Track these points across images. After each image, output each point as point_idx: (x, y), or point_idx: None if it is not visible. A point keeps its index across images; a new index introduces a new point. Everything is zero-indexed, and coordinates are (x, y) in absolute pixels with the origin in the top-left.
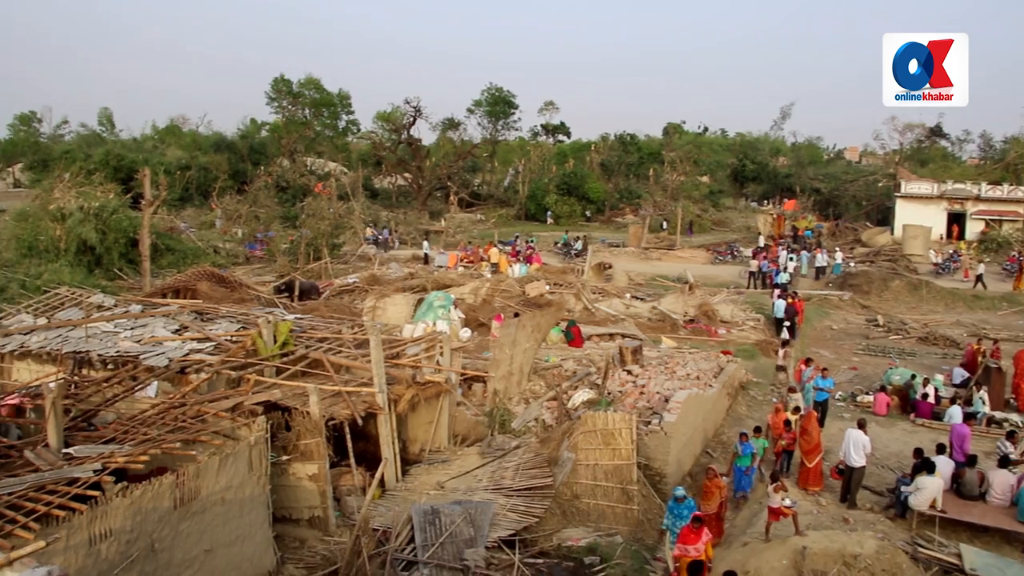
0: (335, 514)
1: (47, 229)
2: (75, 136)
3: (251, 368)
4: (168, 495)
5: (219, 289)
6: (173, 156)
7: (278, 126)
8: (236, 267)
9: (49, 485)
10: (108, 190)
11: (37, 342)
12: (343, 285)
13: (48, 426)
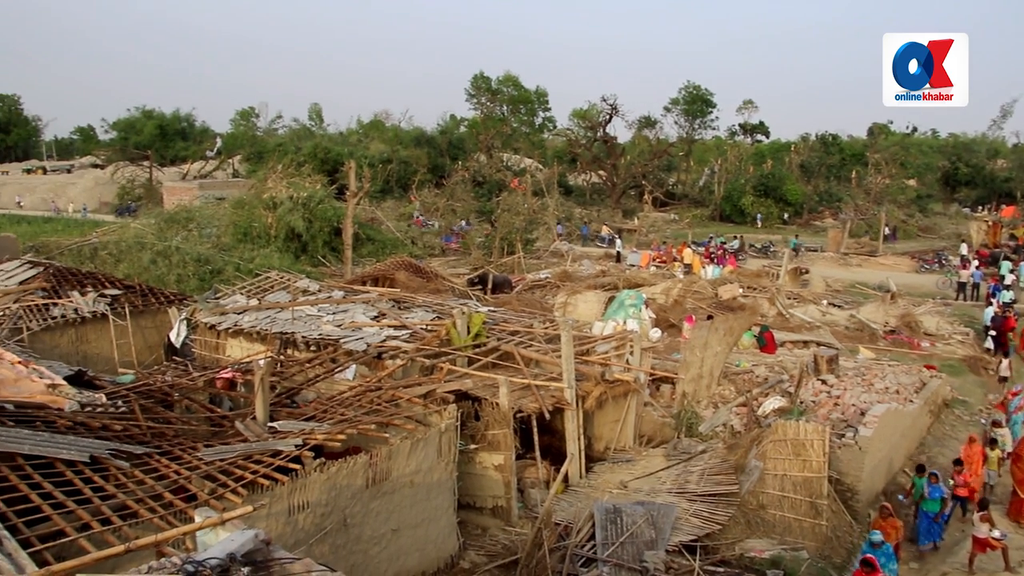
0: (518, 505)
1: (260, 217)
2: (287, 130)
3: (444, 357)
4: (361, 474)
5: (416, 279)
6: (376, 150)
7: (476, 122)
8: (432, 259)
9: (256, 455)
10: (315, 181)
11: (249, 321)
12: (535, 280)
13: (256, 401)
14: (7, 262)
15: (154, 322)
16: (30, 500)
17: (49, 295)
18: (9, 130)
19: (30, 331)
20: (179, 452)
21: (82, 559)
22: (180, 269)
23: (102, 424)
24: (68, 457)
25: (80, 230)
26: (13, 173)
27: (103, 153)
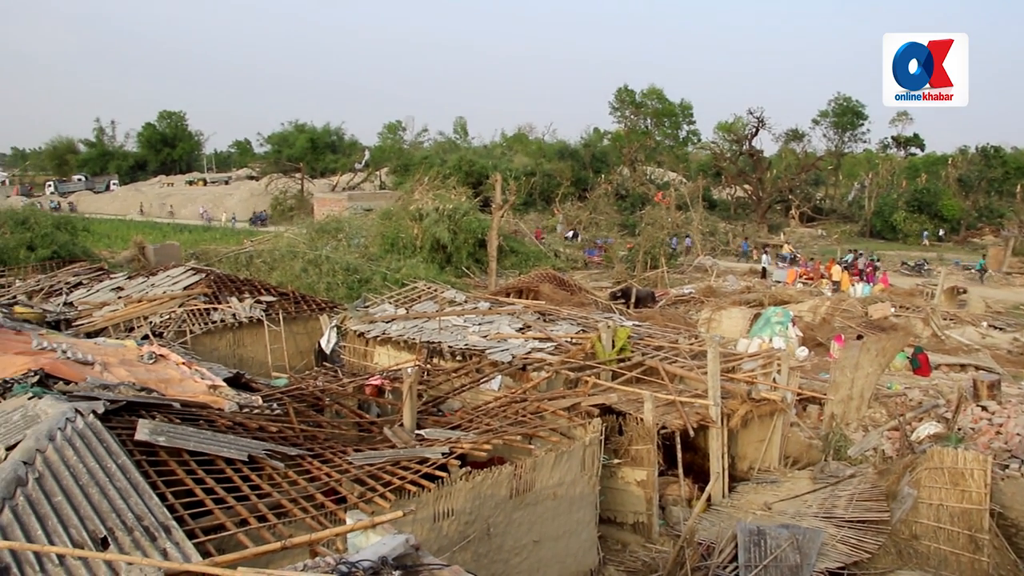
0: (659, 522)
1: (407, 228)
2: (433, 143)
3: (589, 371)
4: (506, 484)
5: (559, 292)
6: (519, 163)
7: (620, 135)
8: (574, 271)
9: (403, 461)
10: (460, 193)
11: (397, 330)
12: (679, 295)
13: (404, 408)
14: (173, 268)
15: (305, 328)
16: (194, 494)
17: (210, 300)
18: (175, 144)
19: (192, 334)
20: (330, 455)
21: (242, 553)
22: (330, 277)
23: (259, 425)
24: (228, 455)
25: (236, 238)
26: (177, 184)
27: (258, 165)
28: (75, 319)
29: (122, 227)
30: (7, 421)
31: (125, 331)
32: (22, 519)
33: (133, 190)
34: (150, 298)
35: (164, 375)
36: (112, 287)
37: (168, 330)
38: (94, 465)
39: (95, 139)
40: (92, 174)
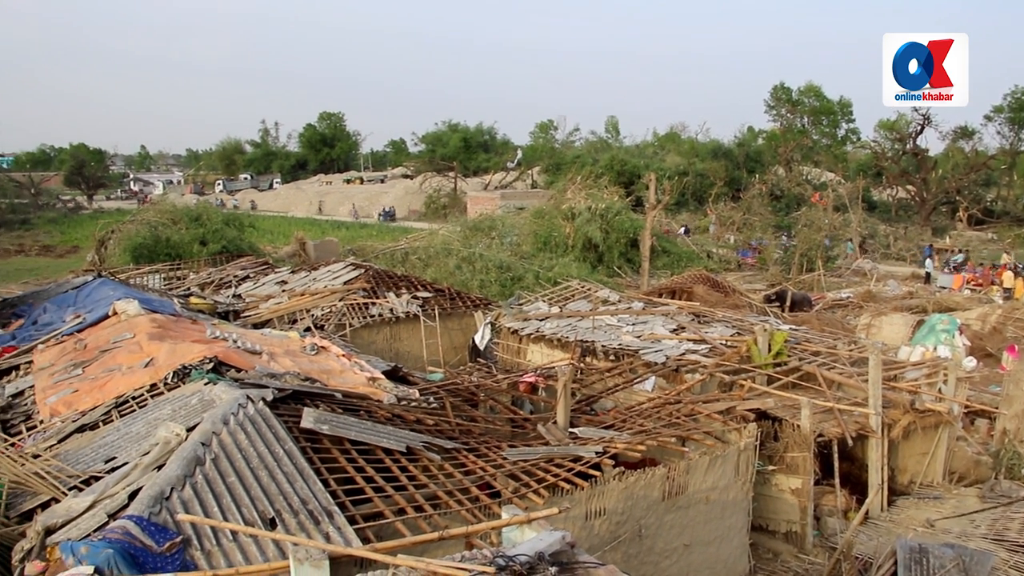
0: (813, 533)
1: (559, 227)
2: (584, 142)
3: (744, 374)
4: (659, 486)
5: (713, 294)
6: (672, 162)
7: (775, 134)
8: (727, 273)
9: (557, 458)
10: (612, 193)
11: (550, 328)
12: (836, 299)
13: (559, 406)
14: (334, 263)
15: (460, 324)
16: (355, 481)
17: (369, 295)
18: (334, 144)
19: (352, 327)
20: (484, 450)
21: (400, 541)
22: (483, 275)
23: (416, 418)
24: (387, 446)
25: (391, 235)
26: (336, 183)
27: (412, 164)
28: (243, 310)
29: (284, 223)
30: (186, 404)
31: (289, 323)
32: (200, 496)
33: (294, 188)
34: (312, 292)
35: (326, 366)
36: (276, 281)
37: (329, 323)
38: (263, 449)
39: (260, 140)
40: (257, 173)
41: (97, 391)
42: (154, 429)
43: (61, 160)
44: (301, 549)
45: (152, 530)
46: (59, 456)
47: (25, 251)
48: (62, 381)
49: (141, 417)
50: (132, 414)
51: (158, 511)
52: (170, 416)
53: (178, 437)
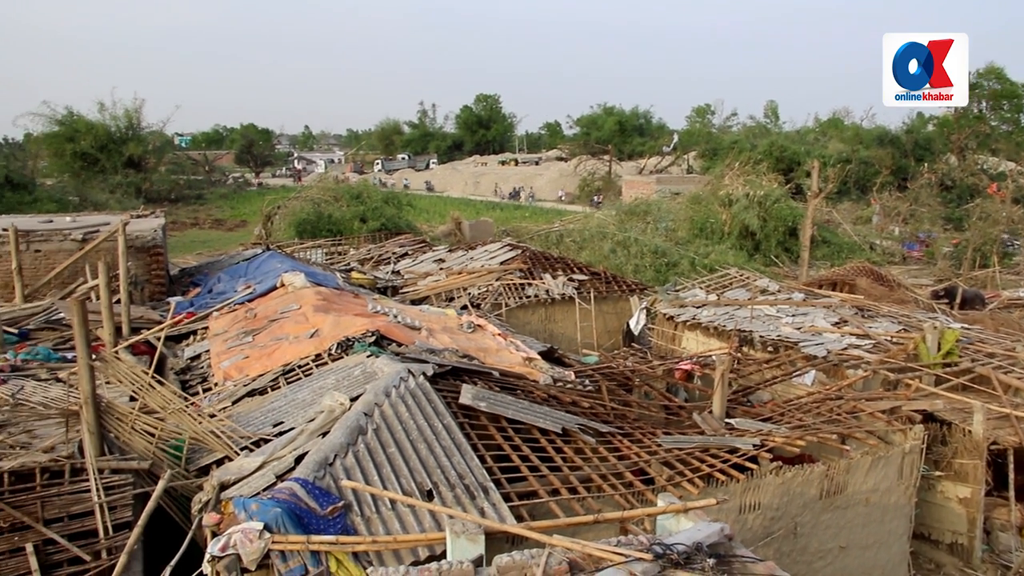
0: (982, 547)
1: (715, 213)
2: (742, 127)
3: (910, 373)
4: (816, 484)
5: (877, 287)
6: (834, 149)
7: (947, 120)
8: (891, 266)
9: (712, 448)
10: (771, 180)
11: (707, 316)
12: (1013, 298)
13: (715, 395)
14: (491, 243)
15: (615, 308)
16: (510, 459)
17: (525, 276)
18: (489, 126)
19: (507, 307)
20: (639, 435)
21: (556, 521)
22: (637, 260)
23: (572, 400)
24: (543, 426)
25: (545, 217)
26: (491, 164)
27: (567, 147)
28: (401, 286)
29: (439, 203)
30: (349, 375)
31: (446, 300)
32: (362, 464)
33: (450, 169)
34: (469, 271)
35: (482, 344)
36: (434, 259)
37: (485, 302)
38: (423, 423)
39: (418, 121)
40: (414, 153)
41: (266, 358)
42: (319, 397)
43: (232, 139)
44: (458, 522)
45: (316, 493)
46: (231, 417)
47: (199, 224)
48: (234, 347)
49: (307, 385)
50: (298, 382)
51: (322, 476)
52: (334, 385)
53: (342, 406)
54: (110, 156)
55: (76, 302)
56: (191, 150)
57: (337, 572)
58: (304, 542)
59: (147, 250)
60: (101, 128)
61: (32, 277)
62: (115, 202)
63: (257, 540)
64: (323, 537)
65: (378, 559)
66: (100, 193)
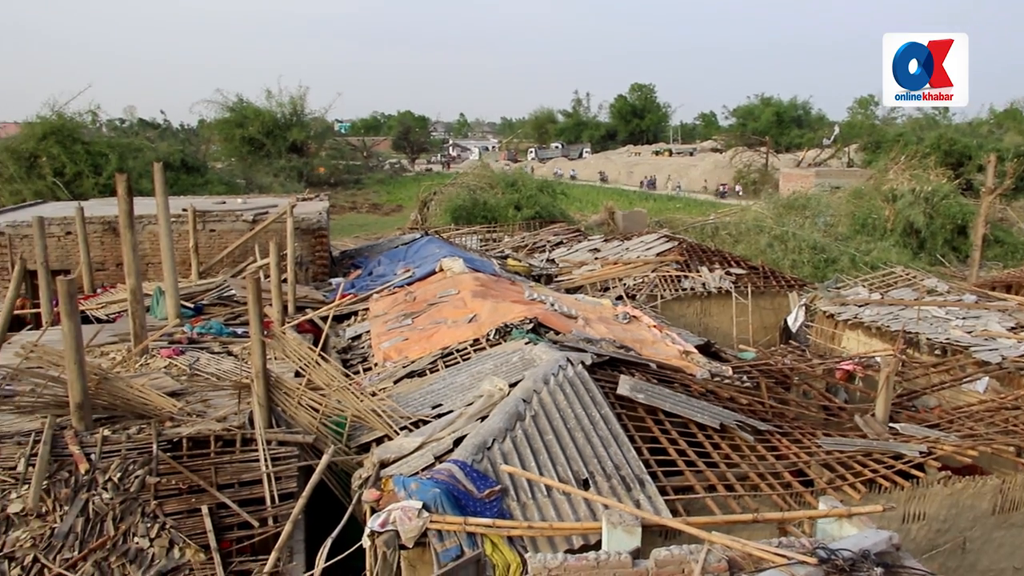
0: None
1: (878, 208)
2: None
3: None
4: (989, 498)
5: None
6: (1011, 142)
7: None
8: None
9: (875, 453)
10: (939, 175)
11: (869, 316)
12: None
13: (879, 398)
14: (647, 234)
15: (772, 304)
16: (666, 453)
17: (681, 268)
18: (643, 115)
19: (663, 299)
20: (798, 435)
21: (714, 518)
22: (795, 255)
23: (730, 395)
24: (700, 420)
25: (699, 209)
26: (644, 154)
27: (722, 138)
28: (556, 275)
29: (592, 192)
30: (507, 361)
31: (600, 290)
32: (519, 449)
33: (603, 158)
34: (625, 261)
35: (638, 335)
36: (589, 248)
37: (640, 293)
38: (580, 412)
39: (572, 110)
40: (567, 142)
41: (425, 341)
42: (477, 381)
43: (390, 126)
44: (615, 513)
45: (474, 476)
46: (391, 397)
47: (357, 208)
48: (394, 329)
49: (465, 369)
50: (456, 366)
51: (480, 459)
52: (492, 371)
53: (501, 392)
54: (275, 141)
55: (252, 280)
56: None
57: (492, 555)
58: (461, 523)
59: (312, 232)
60: (268, 114)
61: (206, 255)
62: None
63: (416, 518)
64: (480, 520)
65: (532, 545)
66: (265, 176)
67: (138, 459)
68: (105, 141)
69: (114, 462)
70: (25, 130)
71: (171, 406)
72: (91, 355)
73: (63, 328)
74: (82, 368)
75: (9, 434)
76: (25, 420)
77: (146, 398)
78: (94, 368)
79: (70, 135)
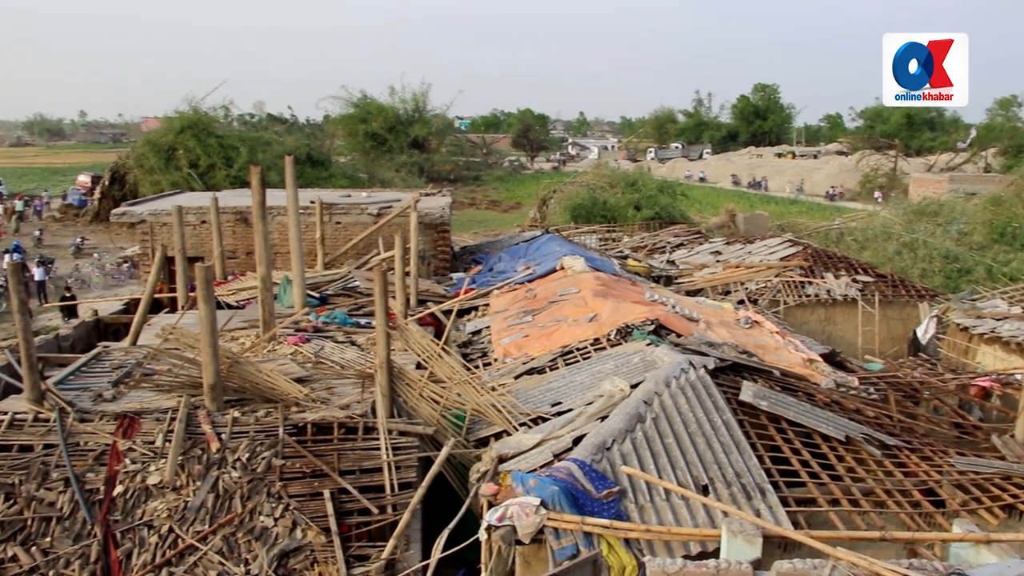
0: None
1: (1019, 217)
2: None
3: None
4: None
5: None
6: None
7: None
8: None
9: (1015, 477)
10: None
11: (1009, 330)
12: None
13: (1019, 418)
14: (770, 238)
15: (900, 314)
16: (789, 463)
17: (805, 273)
18: (766, 117)
19: (785, 305)
20: (928, 452)
21: (837, 533)
22: (925, 264)
23: (856, 407)
24: (825, 431)
25: (823, 213)
26: (766, 156)
27: (848, 141)
28: (676, 276)
29: (712, 194)
30: (628, 362)
31: (721, 293)
32: (639, 451)
33: (723, 159)
34: (747, 265)
35: (760, 341)
36: (710, 250)
37: (763, 298)
38: (702, 416)
39: (692, 110)
40: (687, 142)
41: (545, 338)
42: (597, 381)
43: (509, 124)
44: (735, 521)
45: (593, 475)
46: (511, 393)
47: (476, 204)
48: (514, 325)
49: (585, 368)
50: (576, 364)
51: (599, 459)
52: (613, 371)
53: (621, 392)
54: (397, 137)
55: (379, 272)
56: (470, 133)
57: (608, 556)
58: (579, 522)
59: (435, 227)
60: (391, 111)
61: (331, 246)
62: (400, 180)
63: (533, 515)
64: (597, 520)
65: (649, 548)
66: (387, 171)
67: (265, 441)
68: (236, 135)
69: (243, 443)
70: (165, 124)
71: (297, 392)
72: (222, 339)
73: (199, 313)
74: (216, 351)
75: (149, 410)
76: (163, 398)
77: (274, 383)
78: (226, 352)
79: (205, 129)
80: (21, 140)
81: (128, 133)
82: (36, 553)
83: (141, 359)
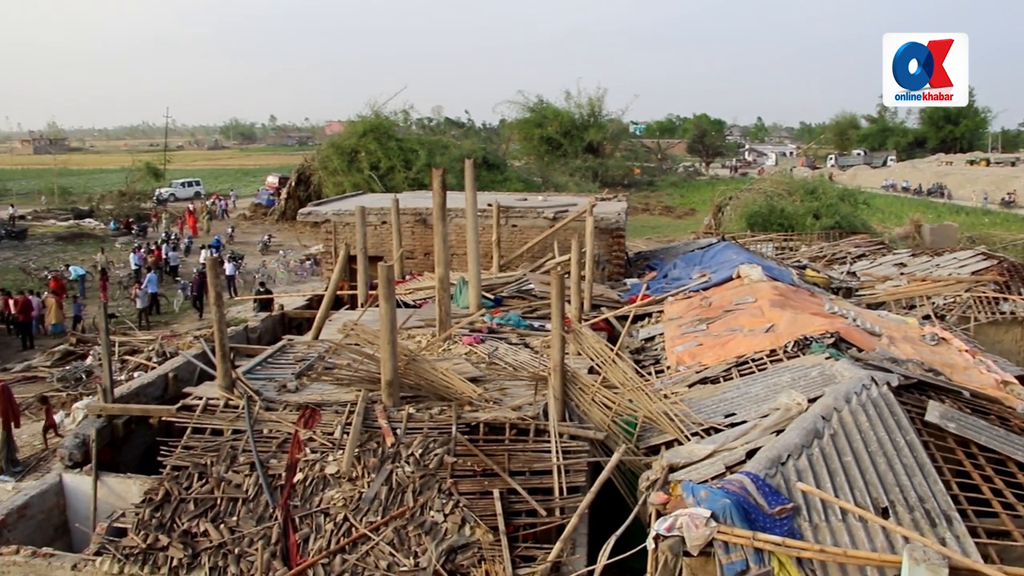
0: None
1: None
2: None
3: None
4: None
5: None
6: None
7: None
8: None
9: None
10: None
11: None
12: None
13: None
14: (961, 251)
15: None
16: (980, 490)
17: (1000, 289)
18: (958, 121)
19: (976, 322)
20: None
21: None
22: None
23: None
24: (1021, 460)
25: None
26: (957, 164)
27: None
28: (857, 288)
29: (895, 203)
30: (806, 375)
31: (905, 308)
32: (815, 468)
33: (909, 167)
34: (934, 278)
35: (948, 359)
36: (894, 262)
37: (951, 314)
38: (883, 435)
39: (877, 115)
40: (870, 149)
41: (719, 348)
42: (773, 393)
43: (685, 129)
44: (919, 548)
45: (766, 491)
46: (684, 401)
47: (649, 210)
48: (688, 334)
49: (760, 380)
50: (751, 375)
51: (773, 474)
52: (789, 384)
53: (799, 406)
54: (572, 141)
55: (557, 276)
56: (645, 138)
57: (779, 574)
58: (750, 538)
59: (610, 232)
60: (566, 115)
61: (507, 249)
62: (574, 184)
63: (703, 527)
64: (769, 536)
65: (823, 569)
66: (561, 175)
67: (438, 438)
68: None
69: (416, 439)
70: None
71: (471, 391)
72: (400, 337)
73: (380, 310)
74: (394, 349)
75: (329, 403)
76: (342, 391)
77: (448, 382)
78: (403, 349)
79: (386, 132)
80: (218, 143)
81: (313, 136)
82: (224, 530)
83: (323, 353)
